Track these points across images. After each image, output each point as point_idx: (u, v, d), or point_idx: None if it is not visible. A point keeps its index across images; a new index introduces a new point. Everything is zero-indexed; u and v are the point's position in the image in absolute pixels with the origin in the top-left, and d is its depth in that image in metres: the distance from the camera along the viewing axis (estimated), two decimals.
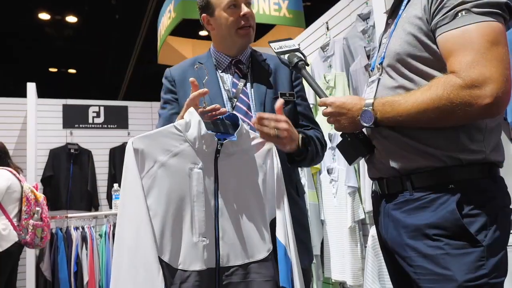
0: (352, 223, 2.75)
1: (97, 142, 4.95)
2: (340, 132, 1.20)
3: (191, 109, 1.20)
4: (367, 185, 2.71)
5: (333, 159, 3.03)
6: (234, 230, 1.18)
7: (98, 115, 5.03)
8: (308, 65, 1.36)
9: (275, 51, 1.36)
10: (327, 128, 3.10)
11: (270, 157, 1.27)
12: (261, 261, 1.20)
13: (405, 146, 1.07)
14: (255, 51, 1.64)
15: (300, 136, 1.37)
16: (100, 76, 10.07)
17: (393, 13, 1.23)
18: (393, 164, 1.10)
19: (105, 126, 5.04)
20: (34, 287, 4.11)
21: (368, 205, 2.66)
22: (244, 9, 1.50)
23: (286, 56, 1.36)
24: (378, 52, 1.26)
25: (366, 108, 1.07)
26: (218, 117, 1.28)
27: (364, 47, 2.78)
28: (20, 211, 2.99)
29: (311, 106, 3.25)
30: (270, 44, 1.37)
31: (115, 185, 3.33)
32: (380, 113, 1.05)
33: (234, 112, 1.34)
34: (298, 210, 1.48)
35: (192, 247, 1.12)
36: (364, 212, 2.75)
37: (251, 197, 1.22)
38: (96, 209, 4.78)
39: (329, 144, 3.05)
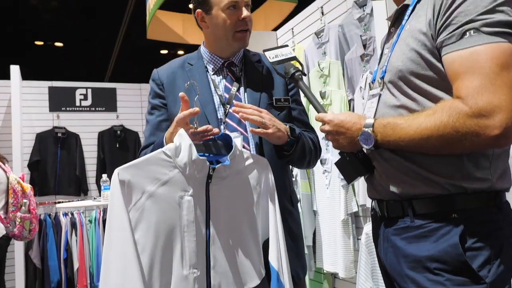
0: (345, 216, 2.72)
1: (85, 125, 4.84)
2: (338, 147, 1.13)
3: (181, 131, 1.12)
4: (361, 179, 2.67)
5: (326, 149, 2.97)
6: (226, 258, 1.12)
7: (85, 98, 4.89)
8: (305, 75, 1.29)
9: (271, 61, 1.28)
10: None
11: (265, 176, 1.20)
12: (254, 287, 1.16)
13: (406, 171, 1.01)
14: (248, 51, 1.55)
15: (288, 126, 1.32)
16: (88, 51, 9.83)
17: (396, 22, 1.15)
18: (393, 188, 1.04)
19: (93, 109, 4.92)
20: (24, 275, 4.07)
21: (362, 199, 2.63)
22: (244, 12, 1.41)
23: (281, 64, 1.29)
24: (379, 63, 1.18)
25: (366, 129, 1.00)
26: (210, 137, 1.20)
27: (360, 35, 2.70)
28: (7, 203, 2.91)
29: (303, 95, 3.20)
30: (265, 53, 1.29)
31: (104, 176, 3.25)
32: (380, 135, 0.98)
33: (227, 132, 1.27)
34: (293, 221, 1.44)
35: (183, 281, 1.06)
36: (357, 205, 2.72)
37: (244, 221, 1.16)
38: (85, 194, 4.72)
39: (322, 135, 2.99)
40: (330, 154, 2.94)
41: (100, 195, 4.66)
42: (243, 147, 1.35)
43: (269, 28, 6.07)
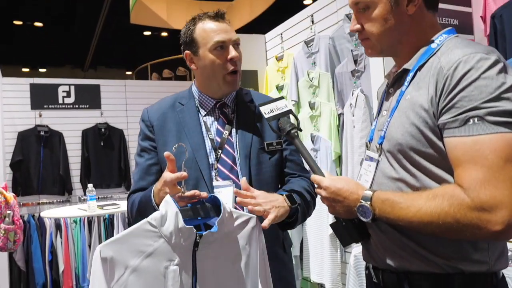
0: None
1: (68, 123, 4.73)
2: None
3: (168, 198, 1.09)
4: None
5: (316, 157, 2.99)
6: None
7: (68, 95, 4.78)
8: (301, 130, 1.27)
9: (266, 117, 1.25)
10: (309, 129, 3.04)
11: (255, 236, 1.19)
12: None
13: (403, 246, 1.02)
14: (240, 89, 1.52)
15: (284, 196, 1.28)
16: (69, 32, 9.58)
17: (395, 83, 1.14)
18: (389, 261, 1.05)
19: (76, 106, 4.81)
20: (8, 278, 4.03)
21: None
22: (232, 52, 1.37)
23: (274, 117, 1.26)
24: (377, 121, 1.17)
25: (363, 202, 0.99)
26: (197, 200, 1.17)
27: (352, 50, 2.68)
28: None
29: (293, 103, 3.19)
30: (260, 108, 1.26)
31: (90, 186, 3.20)
32: (379, 210, 0.98)
33: (219, 179, 1.25)
34: (285, 269, 1.43)
35: None
36: None
37: (233, 284, 1.15)
38: (70, 193, 4.65)
39: (311, 146, 3.00)
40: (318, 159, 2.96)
41: (84, 194, 4.63)
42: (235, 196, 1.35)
43: (254, 16, 5.99)
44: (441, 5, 1.84)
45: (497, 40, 1.83)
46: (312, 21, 3.14)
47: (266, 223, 1.17)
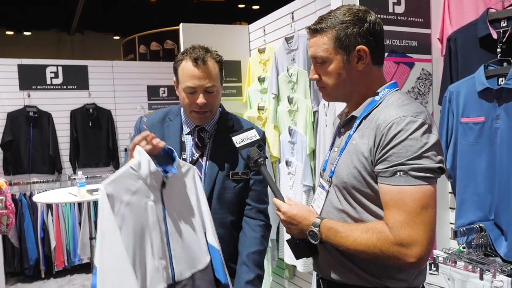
0: None
1: (56, 104, 4.85)
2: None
3: (139, 148, 1.33)
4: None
5: (291, 153, 3.19)
6: (182, 249, 1.41)
7: (56, 76, 4.87)
8: (267, 158, 1.45)
9: (237, 146, 1.41)
10: (287, 122, 3.22)
11: (195, 181, 1.49)
12: (203, 269, 1.46)
13: (342, 263, 1.24)
14: (226, 114, 1.68)
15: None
16: None
17: (345, 125, 1.32)
18: (332, 275, 1.27)
19: (64, 87, 4.91)
20: (2, 255, 4.23)
21: None
22: (201, 99, 1.50)
23: (246, 148, 1.43)
24: (329, 154, 1.36)
25: (313, 228, 1.20)
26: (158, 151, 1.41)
27: None
28: None
29: (273, 96, 3.35)
30: (233, 138, 1.42)
31: (79, 173, 3.37)
32: (324, 236, 1.19)
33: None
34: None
35: (155, 271, 1.33)
36: None
37: (191, 216, 1.46)
38: (60, 172, 4.82)
39: (288, 138, 3.19)
40: (295, 158, 3.16)
41: (74, 173, 4.80)
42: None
43: None
44: (402, 28, 2.02)
45: (451, 60, 2.00)
46: (292, 18, 3.26)
47: None
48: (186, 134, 1.63)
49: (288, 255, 3.25)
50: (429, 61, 2.06)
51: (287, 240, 1.36)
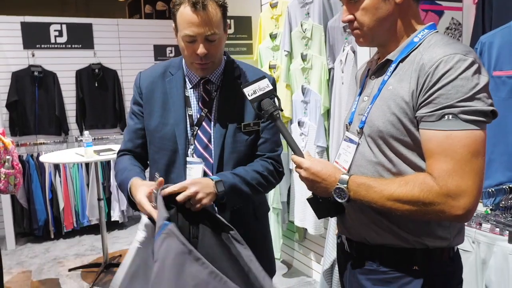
0: None
1: (61, 63, 4.70)
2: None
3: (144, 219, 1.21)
4: (334, 146, 2.81)
5: (304, 113, 3.07)
6: None
7: (60, 34, 4.70)
8: (282, 110, 1.32)
9: (249, 98, 1.27)
10: (301, 81, 3.08)
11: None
12: None
13: (377, 222, 1.13)
14: (232, 62, 1.53)
15: (213, 181, 1.31)
16: None
17: (377, 71, 1.19)
18: (363, 234, 1.17)
19: (69, 46, 4.75)
20: (11, 215, 4.24)
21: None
22: (201, 48, 1.34)
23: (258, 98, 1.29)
24: (357, 105, 1.23)
25: (340, 185, 1.09)
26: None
27: None
28: None
29: (285, 54, 3.19)
30: (243, 90, 1.28)
31: (86, 133, 3.27)
32: (353, 193, 1.08)
33: (194, 156, 1.32)
34: (254, 233, 1.47)
35: None
36: None
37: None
38: (66, 134, 4.74)
39: (301, 97, 3.06)
40: (308, 118, 3.04)
41: (81, 134, 4.73)
42: (205, 173, 1.43)
43: None
44: None
45: (484, 8, 1.84)
46: None
47: (195, 208, 1.24)
48: (190, 88, 1.49)
49: (298, 218, 3.19)
50: (460, 10, 1.90)
51: (307, 199, 1.25)
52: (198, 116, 1.46)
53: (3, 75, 4.46)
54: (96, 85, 4.83)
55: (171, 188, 1.22)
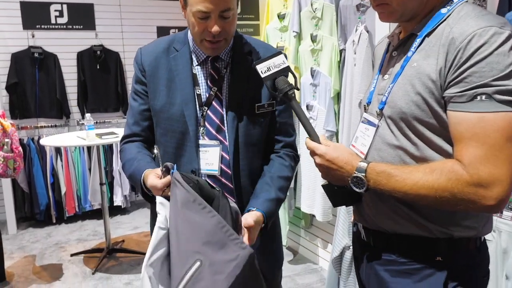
0: None
1: (62, 45, 4.59)
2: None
3: (161, 200, 1.13)
4: (345, 130, 2.71)
5: (313, 96, 2.96)
6: None
7: (61, 15, 4.58)
8: (298, 89, 1.21)
9: (262, 76, 1.17)
10: (310, 63, 2.97)
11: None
12: None
13: (397, 210, 1.04)
14: (240, 38, 1.41)
15: (262, 216, 1.26)
16: None
17: (399, 47, 1.08)
18: (382, 223, 1.08)
19: (70, 27, 4.63)
20: (12, 200, 4.17)
21: None
22: (215, 26, 1.23)
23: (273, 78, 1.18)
24: (376, 83, 1.13)
25: (358, 174, 0.99)
26: None
27: None
28: None
29: (294, 35, 3.08)
30: (256, 67, 1.17)
31: (87, 115, 3.18)
32: (373, 182, 0.98)
33: (206, 139, 1.23)
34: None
35: None
36: None
37: None
38: (68, 117, 4.65)
39: (310, 80, 2.95)
40: (317, 102, 2.94)
41: (83, 118, 4.64)
42: (222, 157, 1.33)
43: None
44: None
45: None
46: None
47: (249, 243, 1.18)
48: (197, 65, 1.38)
49: (306, 204, 3.11)
50: None
51: (322, 185, 1.15)
52: (207, 96, 1.35)
53: (2, 56, 4.35)
54: (98, 67, 4.72)
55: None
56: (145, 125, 1.42)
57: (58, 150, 4.34)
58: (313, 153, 1.08)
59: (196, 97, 1.35)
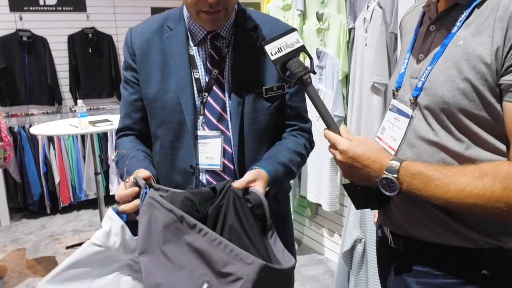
0: None
1: (52, 28, 4.37)
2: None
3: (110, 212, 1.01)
4: (354, 115, 2.55)
5: (319, 79, 2.79)
6: None
7: None
8: (315, 73, 1.03)
9: (272, 58, 0.98)
10: (315, 44, 2.79)
11: None
12: None
13: (433, 217, 0.89)
14: (243, 13, 1.22)
15: (266, 174, 1.10)
16: None
17: (439, 19, 0.91)
18: (414, 231, 0.93)
19: (60, 8, 4.40)
20: (4, 190, 4.01)
21: None
22: None
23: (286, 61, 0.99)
24: (407, 64, 0.96)
25: (388, 175, 0.83)
26: None
27: None
28: None
29: (298, 13, 2.89)
30: (266, 47, 0.99)
31: (79, 102, 3.00)
32: (407, 185, 0.82)
33: (206, 129, 1.08)
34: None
35: None
36: None
37: None
38: (60, 103, 4.46)
39: (316, 62, 2.77)
40: (323, 85, 2.77)
41: (75, 103, 4.44)
42: (224, 148, 1.17)
43: None
44: None
45: None
46: None
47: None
48: (194, 46, 1.20)
49: (312, 193, 2.97)
50: None
51: (344, 185, 1.00)
52: (207, 80, 1.18)
53: None
54: (90, 51, 4.51)
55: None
56: (137, 117, 1.27)
57: (50, 138, 4.17)
58: (333, 147, 0.92)
59: (194, 81, 1.18)
